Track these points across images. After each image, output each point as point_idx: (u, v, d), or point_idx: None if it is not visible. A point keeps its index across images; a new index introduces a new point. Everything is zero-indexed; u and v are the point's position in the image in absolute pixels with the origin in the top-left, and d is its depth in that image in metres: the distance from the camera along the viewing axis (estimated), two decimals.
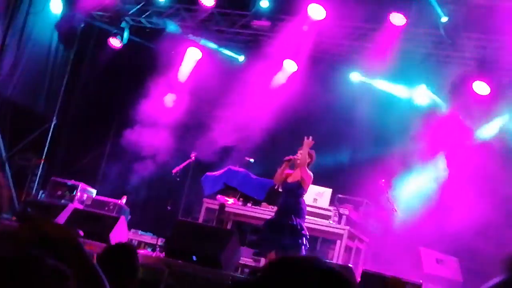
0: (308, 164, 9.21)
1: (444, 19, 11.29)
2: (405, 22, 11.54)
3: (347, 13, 11.79)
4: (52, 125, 14.00)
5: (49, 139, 13.95)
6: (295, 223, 8.93)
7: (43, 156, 13.70)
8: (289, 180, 9.25)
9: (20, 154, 13.02)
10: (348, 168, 12.46)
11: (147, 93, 13.58)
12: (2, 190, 1.65)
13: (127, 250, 4.78)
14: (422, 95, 12.82)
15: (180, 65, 14.32)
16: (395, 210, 10.98)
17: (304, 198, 9.29)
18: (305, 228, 9.05)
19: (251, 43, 13.96)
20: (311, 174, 9.21)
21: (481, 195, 10.53)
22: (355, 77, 13.37)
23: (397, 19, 11.55)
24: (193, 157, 11.53)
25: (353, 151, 12.97)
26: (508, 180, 10.75)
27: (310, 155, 9.22)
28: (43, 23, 13.69)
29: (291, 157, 9.28)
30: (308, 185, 9.24)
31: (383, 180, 11.23)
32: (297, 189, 9.16)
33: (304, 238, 8.96)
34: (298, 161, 9.18)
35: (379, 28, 11.85)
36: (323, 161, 11.75)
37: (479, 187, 10.69)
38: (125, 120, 13.63)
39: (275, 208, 10.73)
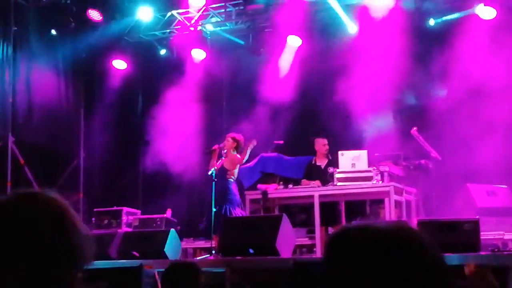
0: (236, 148, 10.65)
1: None
2: None
3: None
4: (82, 158, 14.14)
5: (82, 172, 14.09)
6: None
7: (81, 191, 13.85)
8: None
9: (59, 195, 13.11)
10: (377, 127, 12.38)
11: (164, 102, 13.67)
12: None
13: (190, 268, 4.84)
14: None
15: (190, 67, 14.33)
16: (434, 155, 10.92)
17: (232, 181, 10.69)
18: None
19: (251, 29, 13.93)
20: (238, 157, 10.65)
21: None
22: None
23: None
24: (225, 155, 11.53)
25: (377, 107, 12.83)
26: None
27: (235, 140, 10.61)
28: (48, 65, 13.75)
29: (216, 146, 10.63)
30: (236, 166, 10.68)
31: (415, 128, 11.18)
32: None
33: None
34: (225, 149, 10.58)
35: None
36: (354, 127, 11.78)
37: None
38: (150, 135, 13.76)
39: (317, 183, 10.79)
